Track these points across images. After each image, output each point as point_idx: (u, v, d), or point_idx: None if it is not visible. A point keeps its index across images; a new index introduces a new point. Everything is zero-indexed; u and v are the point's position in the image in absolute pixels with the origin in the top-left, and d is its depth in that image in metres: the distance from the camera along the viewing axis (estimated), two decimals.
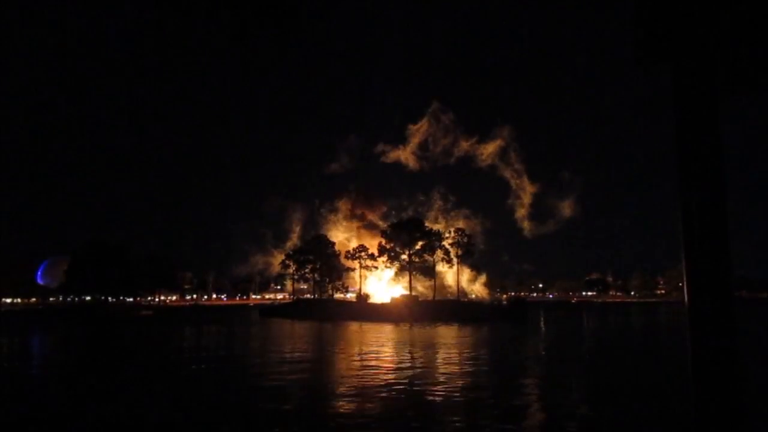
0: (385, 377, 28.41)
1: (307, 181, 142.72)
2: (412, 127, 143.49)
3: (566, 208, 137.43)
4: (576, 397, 24.15)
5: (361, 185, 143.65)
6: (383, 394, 23.40)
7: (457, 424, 18.46)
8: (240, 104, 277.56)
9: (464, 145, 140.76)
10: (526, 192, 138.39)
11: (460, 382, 26.75)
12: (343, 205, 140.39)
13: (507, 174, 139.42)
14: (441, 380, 27.37)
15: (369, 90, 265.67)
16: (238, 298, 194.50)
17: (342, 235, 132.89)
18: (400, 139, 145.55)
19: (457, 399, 22.70)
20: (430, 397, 23.00)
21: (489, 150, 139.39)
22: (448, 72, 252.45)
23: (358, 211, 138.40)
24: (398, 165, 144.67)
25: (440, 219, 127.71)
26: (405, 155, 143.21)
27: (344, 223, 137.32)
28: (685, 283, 2.84)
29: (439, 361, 36.64)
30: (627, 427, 18.77)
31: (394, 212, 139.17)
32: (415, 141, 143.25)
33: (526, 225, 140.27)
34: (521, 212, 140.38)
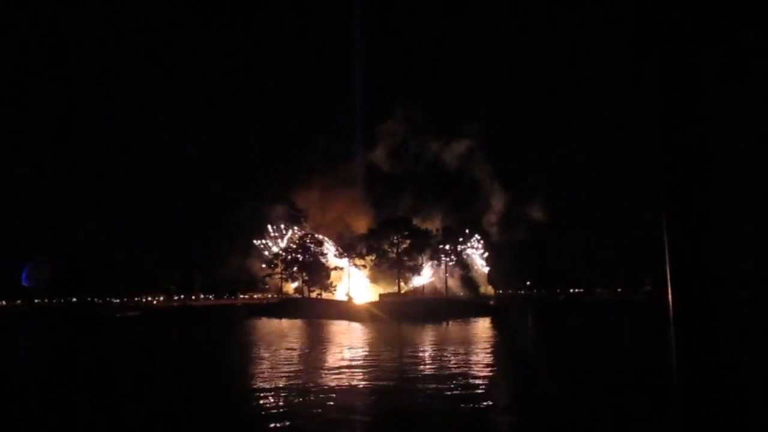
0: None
1: (282, 182, 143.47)
2: (382, 127, 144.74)
3: (537, 212, 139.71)
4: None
5: (332, 186, 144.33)
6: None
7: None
8: (216, 104, 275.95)
9: (434, 145, 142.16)
10: (497, 195, 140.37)
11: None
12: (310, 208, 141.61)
13: (478, 174, 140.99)
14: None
15: (337, 90, 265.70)
16: (225, 298, 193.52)
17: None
18: (371, 139, 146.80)
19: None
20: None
21: (460, 149, 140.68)
22: (417, 70, 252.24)
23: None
24: (369, 165, 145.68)
25: (415, 219, 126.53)
26: (375, 155, 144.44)
27: (308, 226, 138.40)
28: (668, 280, 2.83)
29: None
30: None
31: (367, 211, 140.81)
32: (384, 140, 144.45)
33: (495, 230, 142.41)
34: (491, 218, 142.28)
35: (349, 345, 47.99)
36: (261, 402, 22.56)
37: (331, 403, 21.59)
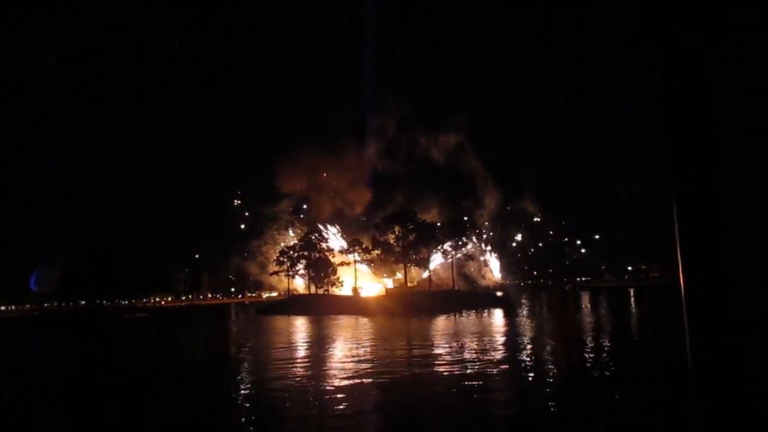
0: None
1: (278, 179, 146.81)
2: (371, 122, 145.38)
3: (533, 203, 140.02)
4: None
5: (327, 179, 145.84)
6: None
7: None
8: (208, 106, 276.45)
9: (423, 139, 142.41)
10: (493, 188, 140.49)
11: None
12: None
13: (472, 166, 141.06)
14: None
15: (326, 86, 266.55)
16: (233, 297, 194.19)
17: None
18: (360, 135, 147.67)
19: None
20: None
21: (450, 142, 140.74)
22: (405, 65, 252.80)
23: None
24: (363, 159, 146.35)
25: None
26: (366, 151, 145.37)
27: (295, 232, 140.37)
28: (680, 265, 2.84)
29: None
30: None
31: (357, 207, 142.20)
32: (374, 136, 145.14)
33: (495, 222, 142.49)
34: (488, 211, 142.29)
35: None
36: None
37: None
